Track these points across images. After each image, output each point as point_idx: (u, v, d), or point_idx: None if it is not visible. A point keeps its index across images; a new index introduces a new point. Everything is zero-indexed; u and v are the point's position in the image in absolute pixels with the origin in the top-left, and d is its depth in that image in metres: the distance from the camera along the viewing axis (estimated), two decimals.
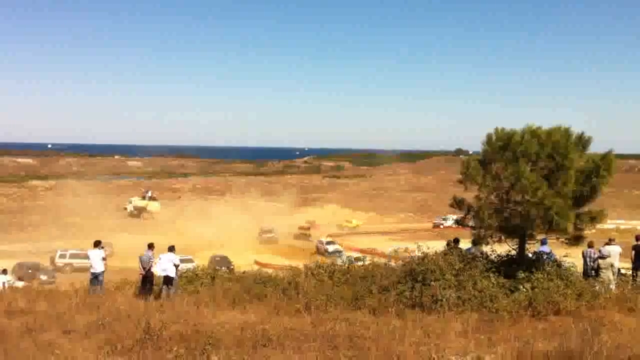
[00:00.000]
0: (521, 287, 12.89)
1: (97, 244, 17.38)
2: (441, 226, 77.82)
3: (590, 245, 15.90)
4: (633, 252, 16.61)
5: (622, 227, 62.48)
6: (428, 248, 14.82)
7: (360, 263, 19.17)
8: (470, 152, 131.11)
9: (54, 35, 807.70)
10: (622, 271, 16.45)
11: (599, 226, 15.00)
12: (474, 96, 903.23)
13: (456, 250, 15.18)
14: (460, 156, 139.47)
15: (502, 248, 15.10)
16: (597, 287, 13.64)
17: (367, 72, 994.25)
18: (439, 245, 15.92)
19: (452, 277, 13.35)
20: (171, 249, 16.63)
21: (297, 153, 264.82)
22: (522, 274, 13.39)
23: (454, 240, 16.34)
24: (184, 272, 18.17)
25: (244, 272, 18.23)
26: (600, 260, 15.67)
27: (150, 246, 17.06)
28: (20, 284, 26.68)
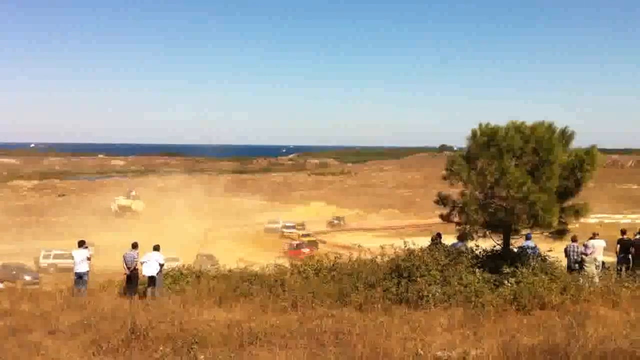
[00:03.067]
0: (506, 281, 12.98)
1: (81, 244, 17.25)
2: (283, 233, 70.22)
3: (574, 240, 16.04)
4: (618, 245, 16.78)
5: (605, 221, 62.99)
6: (413, 244, 14.88)
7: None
8: (455, 148, 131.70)
9: (35, 33, 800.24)
10: (607, 265, 16.61)
11: (582, 221, 15.15)
12: (458, 92, 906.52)
13: (441, 245, 15.24)
14: (445, 152, 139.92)
15: (486, 243, 15.19)
16: (581, 281, 13.75)
17: (352, 69, 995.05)
18: (425, 242, 15.98)
19: (438, 273, 13.41)
20: (156, 248, 16.55)
21: (284, 150, 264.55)
22: (507, 269, 13.47)
23: (437, 234, 16.42)
24: (170, 271, 18.07)
25: (230, 270, 18.14)
26: (583, 255, 15.81)
27: (134, 245, 16.95)
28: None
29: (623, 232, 17.15)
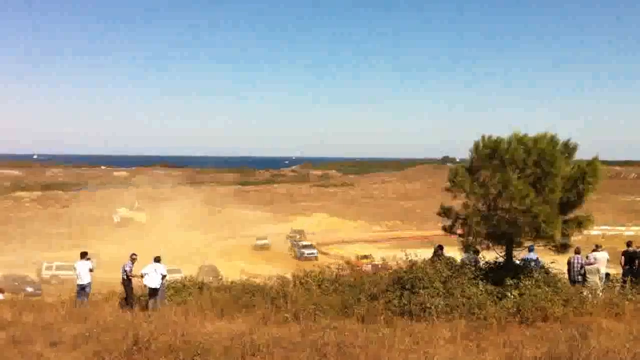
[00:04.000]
0: (509, 293, 12.96)
1: (83, 255, 17.26)
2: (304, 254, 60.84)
3: (577, 252, 16.01)
4: (622, 257, 16.72)
5: (608, 233, 62.96)
6: (416, 256, 14.87)
7: None
8: (457, 160, 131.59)
9: (39, 43, 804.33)
10: (611, 277, 16.56)
11: (585, 233, 15.13)
12: (461, 103, 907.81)
13: (444, 258, 15.23)
14: (447, 164, 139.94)
15: (489, 255, 15.18)
16: (584, 293, 13.72)
17: (355, 80, 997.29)
18: (427, 253, 15.98)
19: (440, 285, 13.39)
20: (157, 259, 16.54)
21: (287, 162, 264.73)
22: (510, 281, 13.45)
23: (439, 247, 16.39)
24: (172, 283, 18.06)
25: (232, 282, 18.13)
26: (587, 267, 15.78)
27: (131, 256, 16.94)
28: None
29: (629, 243, 17.11)
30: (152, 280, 16.10)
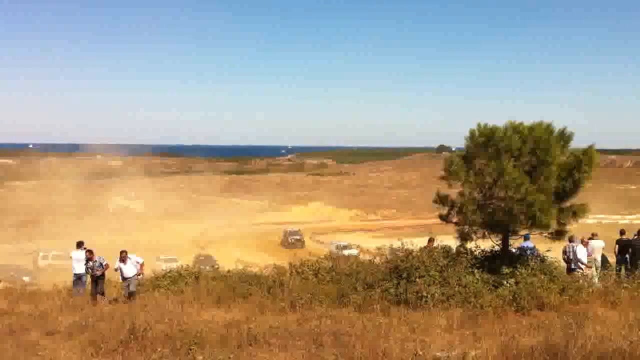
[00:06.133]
0: (505, 282, 12.98)
1: (80, 245, 17.22)
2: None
3: (571, 240, 16.03)
4: (617, 246, 16.79)
5: (603, 221, 63.07)
6: (412, 244, 14.87)
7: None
8: (453, 149, 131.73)
9: (33, 32, 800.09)
10: (608, 264, 16.64)
11: (580, 221, 15.16)
12: (457, 92, 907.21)
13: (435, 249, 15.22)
14: (443, 152, 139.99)
15: (486, 244, 15.19)
16: (580, 282, 13.76)
17: (350, 70, 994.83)
18: (423, 242, 15.98)
19: (437, 274, 13.41)
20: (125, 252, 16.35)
21: (283, 151, 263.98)
22: (506, 270, 13.47)
23: (429, 240, 16.36)
24: (168, 272, 18.06)
25: (228, 271, 18.14)
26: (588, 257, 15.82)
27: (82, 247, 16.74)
28: None
29: (622, 232, 17.17)
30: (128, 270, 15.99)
